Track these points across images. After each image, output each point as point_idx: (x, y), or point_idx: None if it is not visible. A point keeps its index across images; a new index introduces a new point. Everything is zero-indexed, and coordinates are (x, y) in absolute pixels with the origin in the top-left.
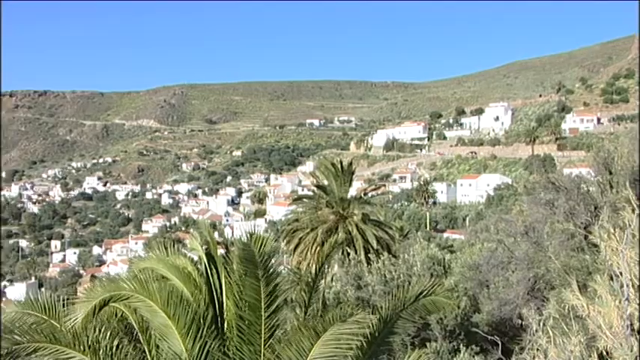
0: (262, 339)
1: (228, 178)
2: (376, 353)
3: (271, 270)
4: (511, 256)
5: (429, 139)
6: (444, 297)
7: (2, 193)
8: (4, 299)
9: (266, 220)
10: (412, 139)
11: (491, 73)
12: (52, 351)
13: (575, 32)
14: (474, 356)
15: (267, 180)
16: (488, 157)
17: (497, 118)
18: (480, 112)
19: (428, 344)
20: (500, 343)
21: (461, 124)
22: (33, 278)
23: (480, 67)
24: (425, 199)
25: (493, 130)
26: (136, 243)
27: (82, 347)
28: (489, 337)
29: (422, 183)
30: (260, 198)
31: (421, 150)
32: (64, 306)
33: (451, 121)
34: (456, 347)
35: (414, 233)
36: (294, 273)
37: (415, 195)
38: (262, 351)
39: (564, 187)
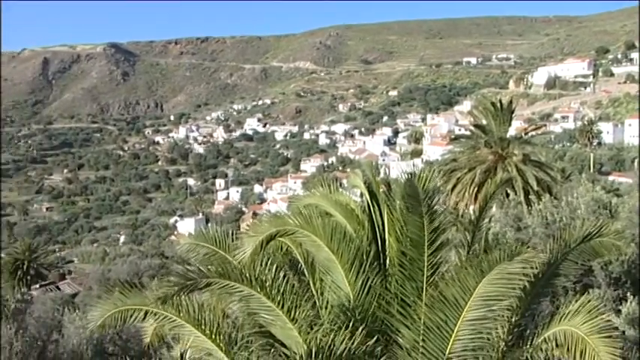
0: (424, 276)
1: (385, 118)
2: (539, 295)
3: (434, 207)
4: None
5: (594, 77)
6: (613, 239)
7: (172, 135)
8: (175, 232)
9: (422, 159)
10: (575, 77)
11: None
12: (222, 285)
13: None
14: None
15: (423, 119)
16: None
17: None
18: None
19: (590, 290)
20: None
21: (631, 60)
22: (200, 214)
23: None
24: (589, 139)
25: None
26: (295, 182)
27: (251, 280)
28: None
29: (586, 123)
30: (416, 138)
31: (585, 88)
32: (232, 240)
33: (620, 56)
34: (621, 295)
35: (577, 175)
36: (451, 213)
37: (578, 135)
38: (424, 287)
39: None
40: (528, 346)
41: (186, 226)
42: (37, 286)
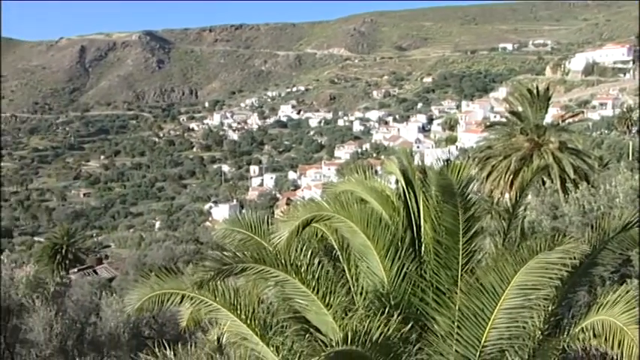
0: (460, 264)
1: (419, 105)
2: (576, 284)
3: (469, 197)
4: None
5: (634, 62)
6: None
7: (207, 121)
8: (210, 218)
9: (457, 147)
10: (615, 63)
11: None
12: (257, 270)
13: None
14: None
15: (458, 106)
16: None
17: None
18: None
19: (628, 280)
20: None
21: None
22: (235, 200)
23: None
24: (628, 127)
25: None
26: (329, 169)
27: (286, 265)
28: None
29: (625, 110)
30: (451, 125)
31: (625, 74)
32: (267, 225)
33: None
34: None
35: (615, 163)
36: (486, 201)
37: (617, 123)
38: (459, 275)
39: None
40: (565, 336)
41: (221, 212)
42: (76, 270)
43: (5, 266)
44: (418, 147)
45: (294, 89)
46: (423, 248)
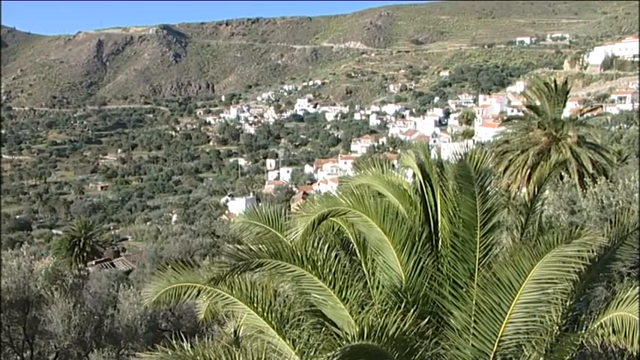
0: (477, 257)
1: (436, 99)
2: (594, 280)
3: (487, 188)
4: None
5: None
6: None
7: (223, 115)
8: (226, 212)
9: (474, 141)
10: (634, 56)
11: None
12: (274, 265)
13: None
14: None
15: (475, 100)
16: None
17: None
18: None
19: None
20: None
21: None
22: (251, 194)
23: None
24: None
25: None
26: (345, 162)
27: (302, 260)
28: None
29: None
30: (468, 119)
31: None
32: (284, 219)
33: None
34: None
35: (634, 158)
36: (503, 195)
37: (636, 117)
38: (477, 269)
39: None
40: (583, 331)
41: (237, 205)
42: (93, 262)
43: (24, 258)
44: (435, 141)
45: (311, 83)
46: (440, 242)
